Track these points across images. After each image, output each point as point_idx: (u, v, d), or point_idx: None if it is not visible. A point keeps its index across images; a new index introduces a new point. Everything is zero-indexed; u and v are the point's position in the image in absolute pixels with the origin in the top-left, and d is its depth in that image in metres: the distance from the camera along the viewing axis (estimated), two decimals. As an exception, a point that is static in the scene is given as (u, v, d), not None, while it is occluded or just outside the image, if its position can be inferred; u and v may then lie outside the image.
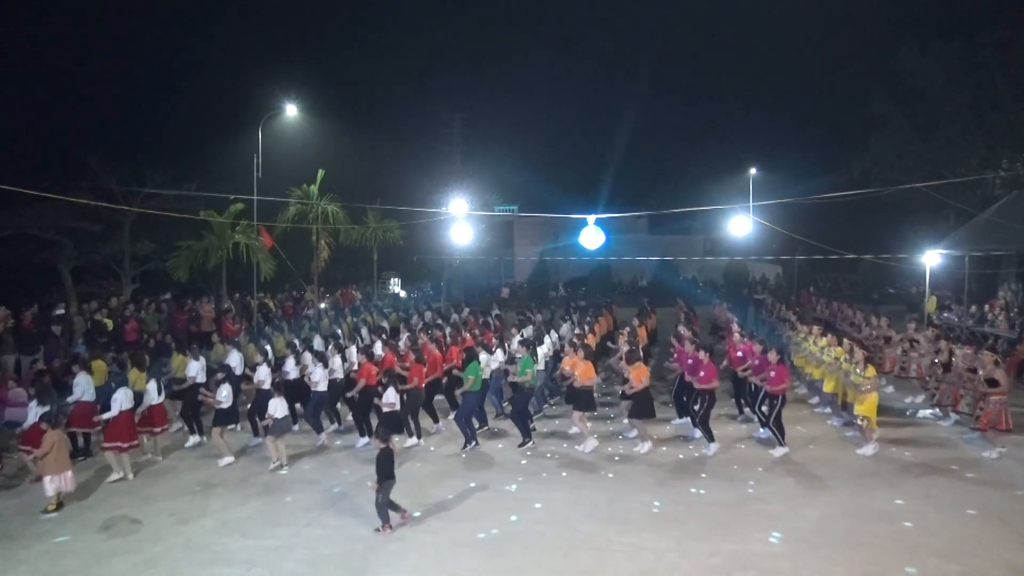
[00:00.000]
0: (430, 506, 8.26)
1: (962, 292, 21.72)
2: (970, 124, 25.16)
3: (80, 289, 22.34)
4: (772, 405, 10.08)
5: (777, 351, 10.47)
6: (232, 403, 10.27)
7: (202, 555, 7.14)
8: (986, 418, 9.72)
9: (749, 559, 6.70)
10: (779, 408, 10.01)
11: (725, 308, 19.13)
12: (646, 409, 10.24)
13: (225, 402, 10.13)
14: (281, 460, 9.87)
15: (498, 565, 6.72)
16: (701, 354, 10.46)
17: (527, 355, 11.09)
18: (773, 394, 10.04)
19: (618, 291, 31.73)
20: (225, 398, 10.13)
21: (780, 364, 10.17)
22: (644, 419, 10.31)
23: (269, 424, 9.69)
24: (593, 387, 10.63)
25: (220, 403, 10.12)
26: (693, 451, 10.16)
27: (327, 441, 10.98)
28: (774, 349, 10.56)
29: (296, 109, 23.32)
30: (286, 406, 10.02)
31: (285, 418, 9.98)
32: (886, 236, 28.51)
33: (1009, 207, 19.99)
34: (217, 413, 10.19)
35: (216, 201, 21.58)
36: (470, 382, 10.67)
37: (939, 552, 6.72)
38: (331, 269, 26.47)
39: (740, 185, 33.30)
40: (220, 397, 10.12)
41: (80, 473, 9.25)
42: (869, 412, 9.82)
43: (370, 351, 11.91)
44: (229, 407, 10.23)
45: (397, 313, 20.26)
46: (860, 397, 9.97)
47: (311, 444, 10.85)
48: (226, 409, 10.20)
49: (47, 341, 14.71)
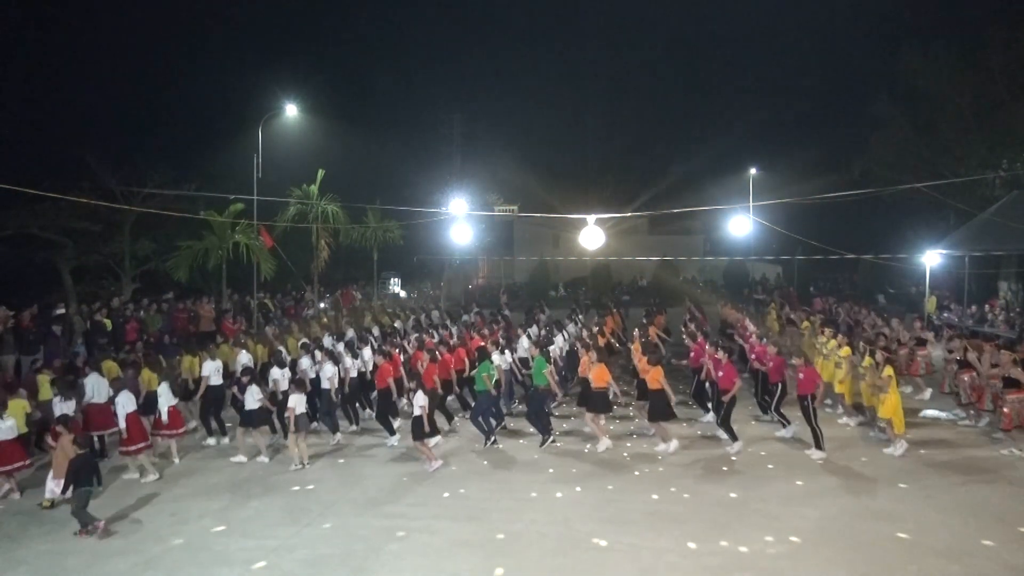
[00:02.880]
0: (430, 506, 8.25)
1: (962, 292, 21.72)
2: (970, 124, 25.19)
3: (80, 289, 22.32)
4: (725, 403, 10.16)
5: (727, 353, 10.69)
6: (261, 404, 10.24)
7: (202, 555, 7.14)
8: (1007, 418, 9.67)
9: (749, 559, 6.70)
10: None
11: (731, 307, 19.15)
12: (662, 411, 10.16)
13: (256, 403, 10.09)
14: (303, 459, 9.87)
15: (498, 565, 6.72)
16: (720, 354, 10.46)
17: (539, 356, 11.10)
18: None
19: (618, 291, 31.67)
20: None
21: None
22: (662, 421, 10.27)
23: (293, 419, 9.65)
24: (607, 389, 10.61)
25: (257, 404, 10.04)
26: (693, 451, 10.16)
27: (343, 440, 11.04)
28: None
29: (296, 109, 23.36)
30: (306, 402, 10.07)
31: (305, 415, 10.04)
32: (886, 236, 28.52)
33: (1009, 207, 20.00)
34: (245, 414, 10.14)
35: (216, 201, 21.58)
36: (490, 380, 10.74)
37: (939, 552, 6.72)
38: (331, 269, 26.42)
39: (740, 185, 33.32)
40: (252, 398, 10.05)
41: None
42: (891, 414, 9.80)
43: (387, 352, 12.01)
44: (260, 408, 10.20)
45: (405, 312, 20.27)
46: (881, 399, 9.97)
47: (322, 443, 10.88)
48: (255, 410, 10.13)
49: (47, 341, 14.70)
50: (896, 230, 28.67)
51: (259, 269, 20.96)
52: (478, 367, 11.03)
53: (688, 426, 11.39)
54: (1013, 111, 23.78)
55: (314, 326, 16.10)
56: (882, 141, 27.34)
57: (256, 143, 21.27)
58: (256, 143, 21.27)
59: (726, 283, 35.82)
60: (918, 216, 27.92)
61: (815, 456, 9.73)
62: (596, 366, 10.62)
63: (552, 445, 10.52)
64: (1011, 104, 23.88)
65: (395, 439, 10.91)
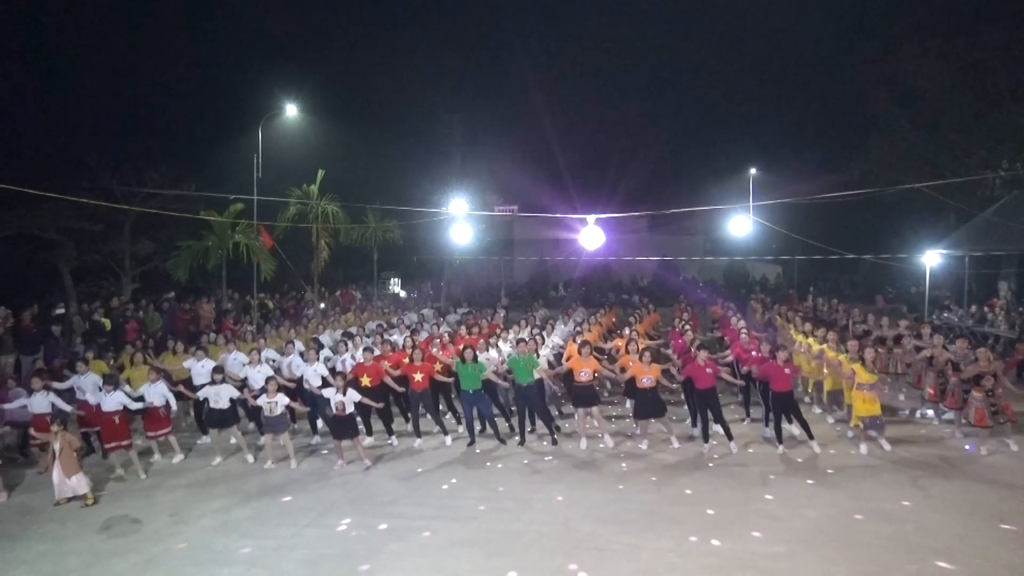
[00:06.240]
0: (430, 506, 8.26)
1: (962, 292, 21.72)
2: (970, 124, 25.19)
3: (80, 289, 22.35)
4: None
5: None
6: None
7: (202, 555, 7.14)
8: (977, 414, 9.80)
9: (749, 559, 6.70)
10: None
11: (720, 305, 19.19)
12: (648, 408, 10.23)
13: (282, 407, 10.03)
14: (276, 459, 9.96)
15: (498, 565, 6.71)
16: (702, 354, 10.45)
17: (529, 354, 11.03)
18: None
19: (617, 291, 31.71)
20: (285, 403, 10.05)
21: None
22: (647, 418, 10.32)
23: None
24: (591, 383, 10.59)
25: (277, 410, 9.97)
26: (693, 451, 10.16)
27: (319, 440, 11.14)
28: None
29: (296, 109, 23.40)
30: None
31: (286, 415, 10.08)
32: (886, 236, 28.53)
33: (1009, 207, 20.02)
34: (266, 419, 10.06)
35: (216, 201, 21.59)
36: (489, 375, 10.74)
37: (939, 552, 6.71)
38: (331, 269, 26.45)
39: (740, 185, 33.36)
40: (280, 402, 9.97)
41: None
42: (865, 412, 9.84)
43: (393, 343, 12.02)
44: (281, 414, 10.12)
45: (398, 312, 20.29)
46: (854, 395, 10.04)
47: (323, 443, 10.93)
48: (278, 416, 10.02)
49: (47, 341, 14.73)
50: (896, 230, 28.68)
51: (259, 269, 20.99)
52: (461, 366, 10.72)
53: (687, 426, 11.38)
54: (1013, 111, 23.79)
55: (311, 326, 16.06)
56: (882, 141, 27.34)
57: (256, 143, 21.29)
58: (256, 143, 21.29)
59: (726, 283, 35.85)
60: (918, 216, 27.93)
61: (816, 447, 9.89)
62: (578, 359, 10.59)
63: (552, 444, 10.54)
64: (1011, 104, 23.89)
65: (394, 439, 10.95)
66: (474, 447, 10.60)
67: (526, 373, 10.65)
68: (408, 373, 10.86)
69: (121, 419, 9.77)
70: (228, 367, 11.36)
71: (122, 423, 9.76)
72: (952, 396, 10.65)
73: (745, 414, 11.78)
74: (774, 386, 10.09)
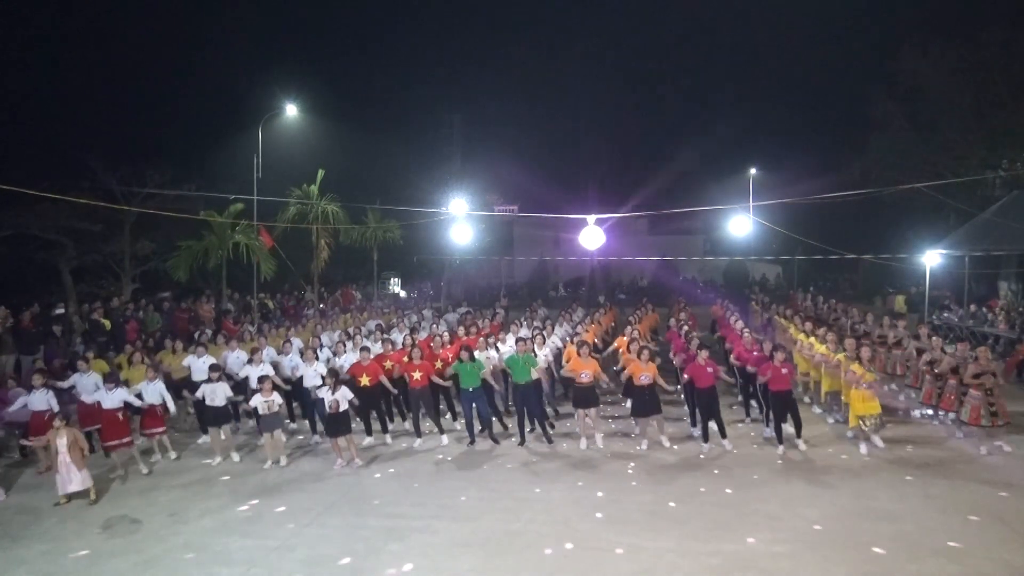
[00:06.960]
0: (430, 506, 8.25)
1: (962, 292, 21.71)
2: (970, 124, 25.19)
3: (80, 289, 22.34)
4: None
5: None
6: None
7: (202, 555, 7.14)
8: (973, 412, 9.80)
9: (749, 559, 6.69)
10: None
11: (719, 305, 19.18)
12: (647, 406, 10.24)
13: (279, 406, 10.07)
14: (276, 458, 9.97)
15: (498, 565, 6.71)
16: (704, 353, 10.46)
17: (527, 353, 11.02)
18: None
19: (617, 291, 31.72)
20: (280, 402, 10.09)
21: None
22: (647, 416, 10.32)
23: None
24: (590, 384, 10.59)
25: (277, 408, 10.04)
26: (693, 451, 10.16)
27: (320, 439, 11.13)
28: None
29: (296, 109, 23.39)
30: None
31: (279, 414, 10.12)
32: (886, 236, 28.51)
33: (1009, 207, 20.01)
34: (262, 418, 10.09)
35: (216, 201, 21.59)
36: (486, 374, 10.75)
37: (939, 552, 6.71)
38: (331, 269, 26.45)
39: (740, 185, 33.37)
40: (276, 400, 10.02)
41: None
42: (863, 411, 9.85)
43: (392, 342, 12.02)
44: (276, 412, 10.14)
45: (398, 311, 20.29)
46: (853, 394, 10.02)
47: (322, 443, 10.92)
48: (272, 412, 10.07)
49: (47, 341, 14.71)
50: (896, 230, 28.66)
51: (259, 269, 20.97)
52: (460, 364, 10.72)
53: (687, 426, 11.38)
54: (1013, 111, 23.79)
55: (310, 326, 16.05)
56: (882, 141, 27.34)
57: (256, 143, 21.29)
58: (256, 143, 21.29)
59: (726, 283, 35.86)
60: (918, 216, 27.89)
61: (802, 445, 9.92)
62: (578, 360, 10.60)
63: (547, 443, 10.54)
64: (1011, 104, 23.89)
65: (388, 437, 10.97)
66: (474, 447, 10.60)
67: (524, 372, 10.64)
68: (407, 372, 10.86)
69: (123, 416, 9.81)
70: (228, 365, 11.35)
71: (124, 420, 9.82)
72: (949, 398, 10.65)
73: (745, 414, 11.80)
74: (773, 386, 10.09)
